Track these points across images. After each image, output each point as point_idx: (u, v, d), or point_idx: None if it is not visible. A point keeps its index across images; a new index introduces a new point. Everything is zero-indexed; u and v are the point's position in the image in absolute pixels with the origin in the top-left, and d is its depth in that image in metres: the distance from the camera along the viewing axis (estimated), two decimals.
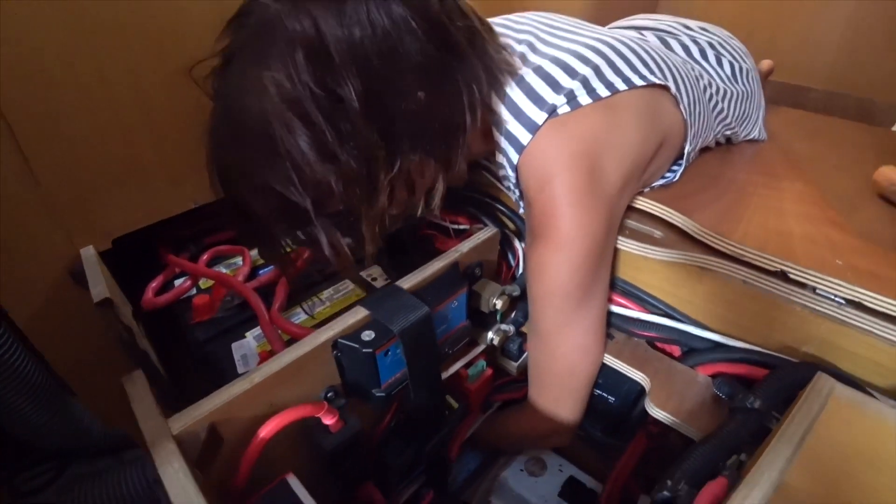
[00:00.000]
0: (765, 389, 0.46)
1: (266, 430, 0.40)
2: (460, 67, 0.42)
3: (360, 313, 0.47)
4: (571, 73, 0.46)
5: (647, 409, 0.53)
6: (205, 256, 0.69)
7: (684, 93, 0.52)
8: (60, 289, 0.58)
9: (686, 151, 0.56)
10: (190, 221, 0.69)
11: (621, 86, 0.47)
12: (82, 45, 0.52)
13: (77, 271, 0.57)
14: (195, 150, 0.63)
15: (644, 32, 0.64)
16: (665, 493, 0.39)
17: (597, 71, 0.46)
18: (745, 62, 0.64)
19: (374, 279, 0.70)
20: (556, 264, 0.47)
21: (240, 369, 0.56)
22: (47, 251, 0.57)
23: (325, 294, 0.67)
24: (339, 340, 0.45)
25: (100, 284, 0.52)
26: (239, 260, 0.71)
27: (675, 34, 0.63)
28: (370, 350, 0.44)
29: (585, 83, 0.46)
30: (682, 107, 0.52)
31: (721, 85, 0.60)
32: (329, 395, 0.47)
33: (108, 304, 0.50)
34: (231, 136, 0.41)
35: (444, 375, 0.57)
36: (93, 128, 0.56)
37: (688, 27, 0.64)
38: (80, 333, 0.60)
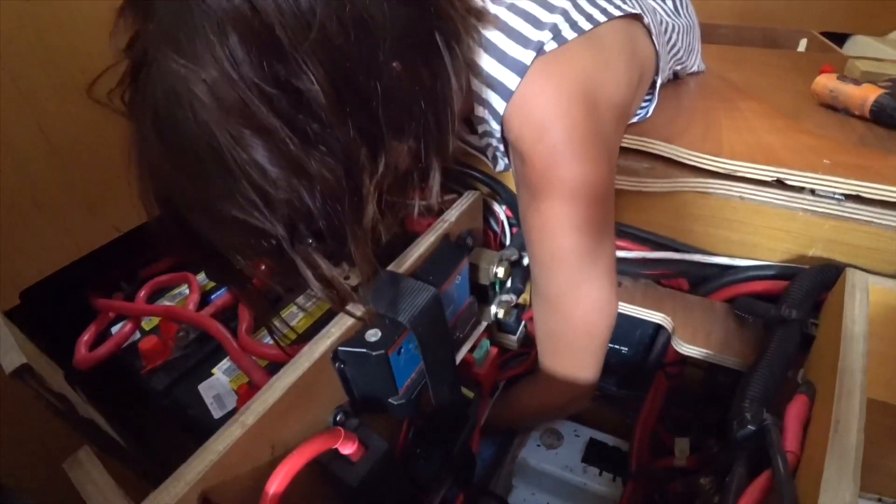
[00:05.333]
0: (795, 298, 0.41)
1: (276, 484, 0.29)
2: (436, 21, 0.33)
3: (356, 312, 0.36)
4: (549, 7, 0.39)
5: (676, 348, 0.47)
6: (142, 292, 0.54)
7: (652, 24, 0.46)
8: None
9: (658, 84, 0.50)
10: (117, 256, 0.54)
11: (600, 17, 0.40)
12: None
13: None
14: (108, 168, 0.48)
15: None
16: (749, 427, 0.32)
17: (574, 3, 0.39)
18: None
19: (347, 277, 0.58)
20: (564, 220, 0.39)
21: (216, 414, 0.43)
22: None
23: (292, 308, 0.54)
24: (340, 349, 0.34)
25: (11, 350, 0.37)
26: (184, 289, 0.56)
27: None
28: (382, 352, 0.34)
29: (566, 16, 0.38)
30: (653, 38, 0.46)
31: (668, 19, 0.56)
32: (339, 417, 0.36)
33: (27, 372, 0.36)
34: (168, 162, 0.28)
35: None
36: None
37: None
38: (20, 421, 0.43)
